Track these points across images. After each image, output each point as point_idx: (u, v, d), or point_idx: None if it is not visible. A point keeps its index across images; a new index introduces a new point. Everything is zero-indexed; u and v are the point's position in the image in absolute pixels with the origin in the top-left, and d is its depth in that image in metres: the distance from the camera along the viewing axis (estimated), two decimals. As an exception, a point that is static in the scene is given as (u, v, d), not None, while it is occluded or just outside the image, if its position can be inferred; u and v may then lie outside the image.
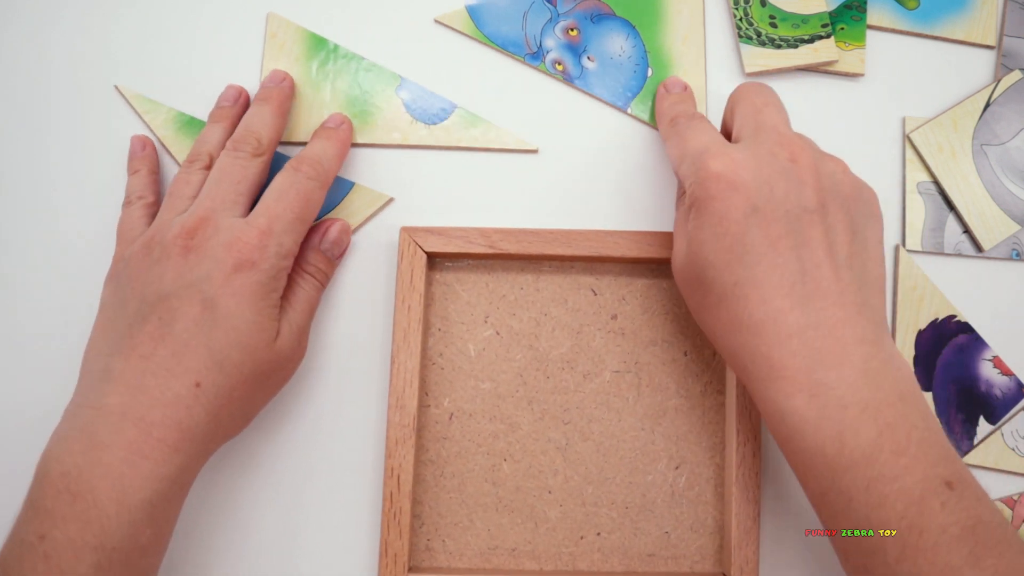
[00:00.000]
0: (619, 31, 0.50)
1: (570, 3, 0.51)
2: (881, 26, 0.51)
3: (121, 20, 0.52)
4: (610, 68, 0.50)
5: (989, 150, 0.50)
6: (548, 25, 0.50)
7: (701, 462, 0.47)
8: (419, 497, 0.46)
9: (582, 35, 0.50)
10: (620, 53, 0.50)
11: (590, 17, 0.50)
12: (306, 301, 0.44)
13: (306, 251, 0.45)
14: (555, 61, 0.50)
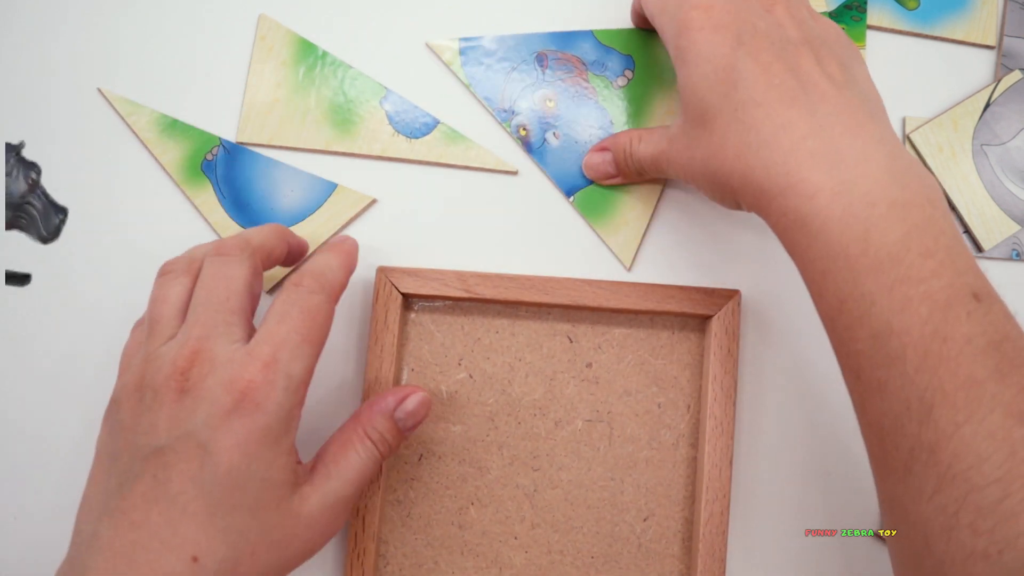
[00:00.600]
0: (595, 118, 0.49)
1: (560, 73, 0.49)
2: (881, 26, 0.51)
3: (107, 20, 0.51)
4: (571, 151, 0.49)
5: (989, 150, 0.50)
6: (529, 88, 0.49)
7: (670, 515, 0.46)
8: (385, 537, 0.46)
9: (558, 109, 0.49)
10: (587, 140, 0.49)
11: (572, 95, 0.49)
12: (357, 472, 0.37)
13: (374, 414, 0.39)
14: (520, 126, 0.49)
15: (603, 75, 0.49)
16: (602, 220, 0.48)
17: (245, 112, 0.50)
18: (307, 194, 0.49)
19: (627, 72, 0.49)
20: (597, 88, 0.49)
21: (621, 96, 0.49)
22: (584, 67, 0.49)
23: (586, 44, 0.50)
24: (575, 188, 0.49)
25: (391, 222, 0.49)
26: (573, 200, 0.49)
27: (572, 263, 0.49)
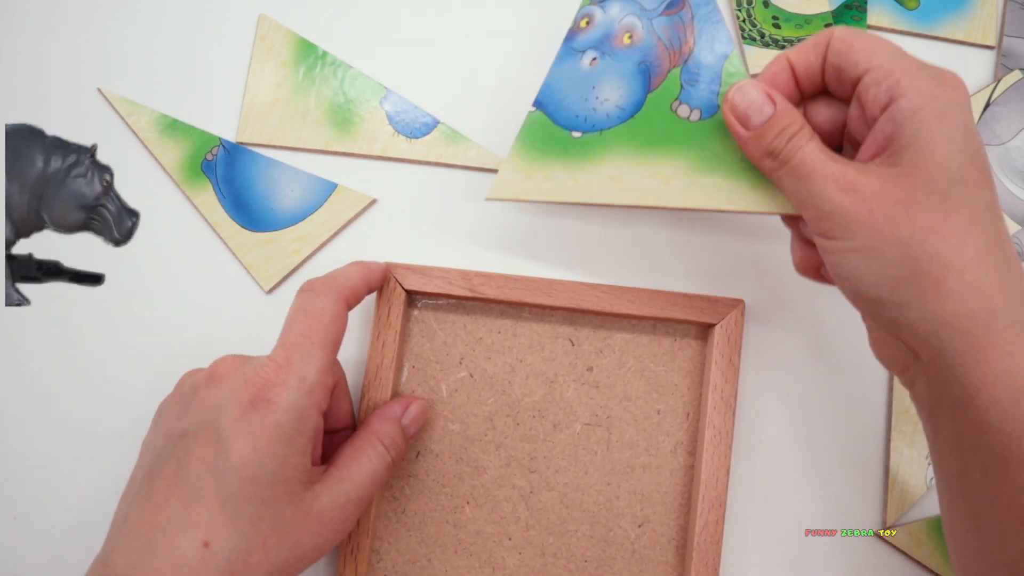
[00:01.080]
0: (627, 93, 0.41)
1: (669, 28, 0.41)
2: (881, 26, 0.51)
3: (107, 20, 0.51)
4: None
5: (989, 150, 0.50)
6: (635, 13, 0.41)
7: (665, 522, 0.46)
8: (379, 533, 0.46)
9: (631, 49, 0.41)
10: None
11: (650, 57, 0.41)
12: (369, 475, 0.39)
13: (384, 421, 0.41)
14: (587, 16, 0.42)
15: (690, 83, 0.40)
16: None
17: (245, 112, 0.50)
18: (307, 194, 0.49)
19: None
20: (665, 88, 0.40)
21: (685, 127, 0.40)
22: (685, 56, 0.40)
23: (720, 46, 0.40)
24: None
25: (391, 222, 0.49)
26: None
27: (574, 266, 0.49)
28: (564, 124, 0.41)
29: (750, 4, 0.51)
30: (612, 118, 0.40)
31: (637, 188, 0.40)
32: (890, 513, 0.47)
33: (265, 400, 0.35)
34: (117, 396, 0.48)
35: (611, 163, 0.40)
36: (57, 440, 0.47)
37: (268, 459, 0.34)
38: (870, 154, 0.34)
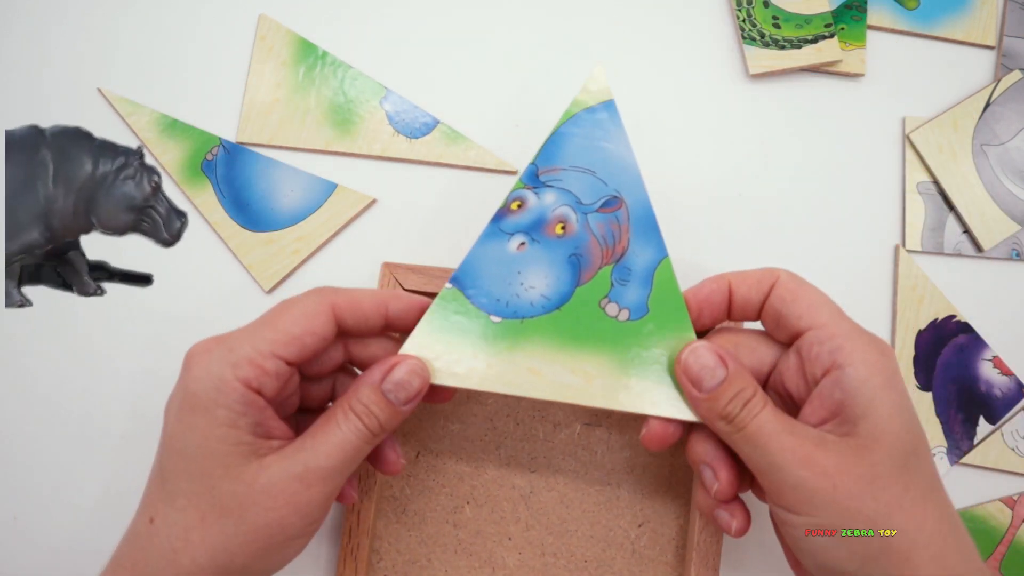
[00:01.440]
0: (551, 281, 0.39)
1: (600, 224, 0.40)
2: (881, 26, 0.51)
3: (107, 20, 0.51)
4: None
5: (989, 150, 0.50)
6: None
7: (665, 522, 0.46)
8: (379, 533, 0.46)
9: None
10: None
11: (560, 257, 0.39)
12: (336, 445, 0.35)
13: (360, 386, 0.36)
14: (518, 200, 0.40)
15: (618, 284, 0.39)
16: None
17: (245, 112, 0.50)
18: (307, 194, 0.49)
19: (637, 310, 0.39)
20: (590, 291, 0.39)
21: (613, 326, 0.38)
22: (617, 255, 0.39)
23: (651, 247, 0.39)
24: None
25: (391, 222, 0.49)
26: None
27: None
28: (483, 306, 0.38)
29: (750, 4, 0.51)
30: (536, 307, 0.38)
31: (557, 383, 0.38)
32: (890, 513, 0.47)
33: (187, 372, 0.34)
34: (117, 396, 0.48)
35: (531, 354, 0.38)
36: (58, 440, 0.47)
37: (189, 431, 0.33)
38: (819, 418, 0.35)
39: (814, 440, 0.34)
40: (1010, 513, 0.47)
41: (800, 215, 0.50)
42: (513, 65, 0.51)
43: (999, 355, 0.48)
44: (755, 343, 0.38)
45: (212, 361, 0.34)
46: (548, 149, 0.39)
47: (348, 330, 0.37)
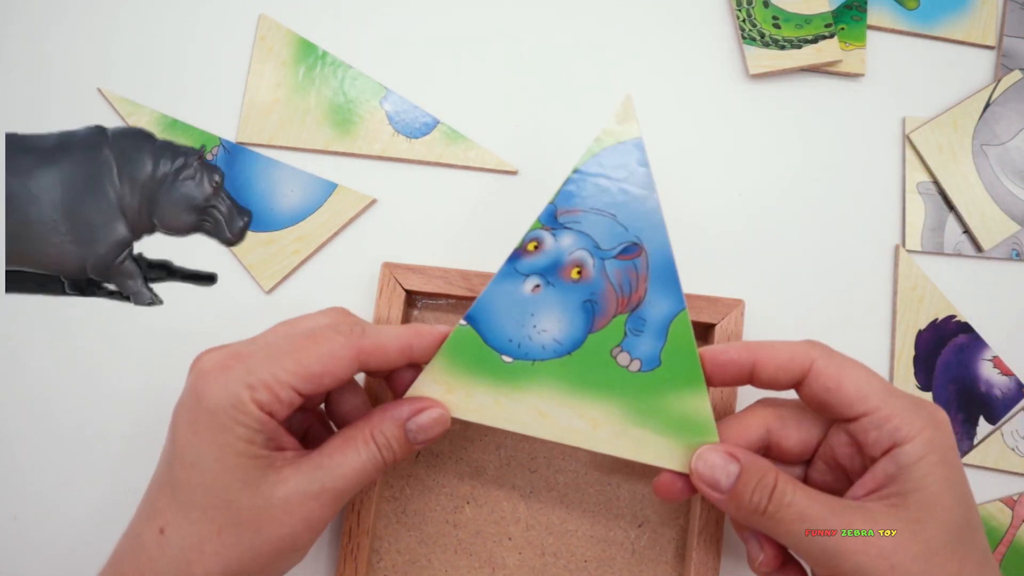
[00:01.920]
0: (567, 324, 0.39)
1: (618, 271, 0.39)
2: (881, 26, 0.51)
3: (107, 20, 0.51)
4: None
5: (989, 150, 0.50)
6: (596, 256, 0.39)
7: (665, 522, 0.46)
8: (379, 533, 0.46)
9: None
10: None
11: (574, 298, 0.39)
12: (353, 469, 0.35)
13: (386, 419, 0.37)
14: (535, 240, 0.39)
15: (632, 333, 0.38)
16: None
17: (245, 112, 0.50)
18: (307, 194, 0.49)
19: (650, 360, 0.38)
20: (606, 335, 0.38)
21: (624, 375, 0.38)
22: (633, 305, 0.38)
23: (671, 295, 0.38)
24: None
25: (391, 222, 0.49)
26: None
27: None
28: (495, 346, 0.38)
29: (750, 4, 0.51)
30: (548, 350, 0.38)
31: (564, 427, 0.38)
32: (890, 513, 0.47)
33: (203, 386, 0.33)
34: (117, 396, 0.48)
35: (540, 396, 0.38)
36: (58, 440, 0.47)
37: (206, 445, 0.33)
38: (868, 489, 0.35)
39: (864, 517, 0.33)
40: (1010, 513, 0.47)
41: (800, 215, 0.50)
42: (513, 65, 0.51)
43: (999, 355, 0.48)
44: (802, 416, 0.38)
45: (231, 380, 0.33)
46: (568, 188, 0.38)
47: (369, 371, 0.37)
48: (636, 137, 0.38)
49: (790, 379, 0.36)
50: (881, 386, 0.35)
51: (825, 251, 0.49)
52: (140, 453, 0.47)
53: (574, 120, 0.50)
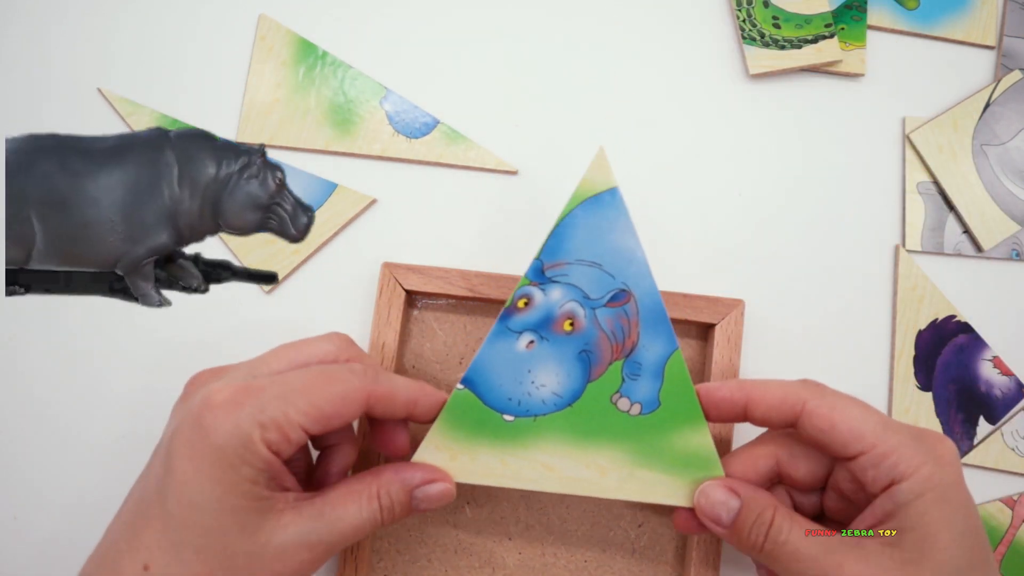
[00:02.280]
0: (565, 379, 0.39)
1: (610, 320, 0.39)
2: (881, 26, 0.51)
3: (107, 20, 0.51)
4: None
5: (989, 150, 0.50)
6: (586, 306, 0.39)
7: (665, 522, 0.46)
8: (379, 533, 0.46)
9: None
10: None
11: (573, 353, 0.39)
12: (351, 525, 0.34)
13: (396, 480, 0.36)
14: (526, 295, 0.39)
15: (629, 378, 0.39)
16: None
17: (245, 112, 0.50)
18: (307, 194, 0.49)
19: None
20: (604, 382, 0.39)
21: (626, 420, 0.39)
22: (627, 350, 0.39)
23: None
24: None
25: (391, 222, 0.49)
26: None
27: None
28: (495, 406, 0.38)
29: (750, 4, 0.51)
30: (548, 404, 0.39)
31: (572, 478, 0.38)
32: (890, 513, 0.47)
33: (212, 420, 0.32)
34: (116, 396, 0.48)
35: (545, 451, 0.38)
36: (58, 440, 0.47)
37: (209, 483, 0.31)
38: (866, 524, 0.35)
39: (856, 556, 0.33)
40: (1010, 513, 0.47)
41: (800, 215, 0.50)
42: (513, 65, 0.51)
43: (999, 355, 0.48)
44: (810, 449, 0.38)
45: (242, 418, 0.32)
46: (552, 242, 0.39)
47: (371, 415, 0.37)
48: (613, 187, 0.39)
49: (783, 420, 0.36)
50: (877, 422, 0.35)
51: (825, 251, 0.49)
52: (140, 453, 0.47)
53: (574, 120, 0.50)
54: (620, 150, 0.50)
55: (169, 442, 0.33)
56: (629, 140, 0.50)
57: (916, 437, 0.34)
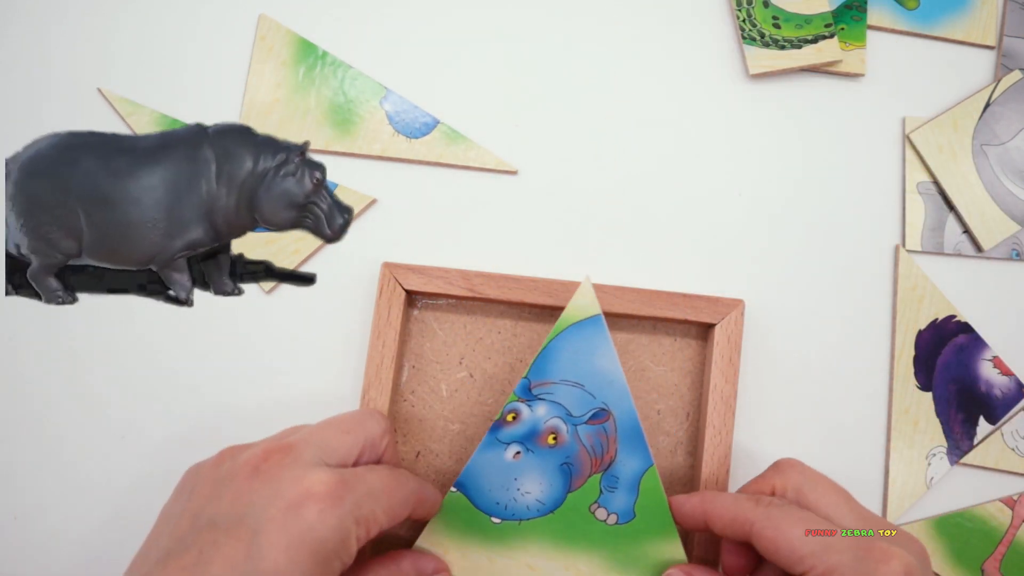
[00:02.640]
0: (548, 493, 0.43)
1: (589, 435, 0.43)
2: (881, 26, 0.51)
3: (106, 20, 0.51)
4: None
5: (989, 150, 0.50)
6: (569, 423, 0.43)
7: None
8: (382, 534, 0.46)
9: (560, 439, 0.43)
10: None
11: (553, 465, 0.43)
12: None
13: (410, 571, 0.39)
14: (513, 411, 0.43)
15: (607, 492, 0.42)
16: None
17: (245, 112, 0.50)
18: (307, 194, 0.49)
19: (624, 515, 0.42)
20: (580, 497, 0.42)
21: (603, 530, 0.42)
22: (606, 464, 0.42)
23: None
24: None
25: (391, 222, 0.49)
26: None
27: (574, 266, 0.49)
28: (484, 509, 0.42)
29: (750, 4, 0.51)
30: (532, 510, 0.42)
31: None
32: (890, 513, 0.47)
33: (317, 513, 0.32)
34: (114, 397, 0.48)
35: (529, 552, 0.42)
36: (57, 440, 0.47)
37: (300, 568, 0.31)
38: None
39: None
40: (1010, 513, 0.47)
41: (800, 215, 0.50)
42: (513, 65, 0.51)
43: (999, 355, 0.48)
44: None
45: (343, 514, 0.33)
46: (539, 363, 0.42)
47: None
48: (596, 314, 0.42)
49: (739, 536, 0.37)
50: (818, 543, 0.34)
51: (825, 251, 0.49)
52: (140, 453, 0.47)
53: (574, 120, 0.50)
54: (620, 150, 0.50)
55: (258, 526, 0.32)
56: (629, 140, 0.50)
57: (860, 556, 0.34)
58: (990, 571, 0.46)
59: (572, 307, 0.43)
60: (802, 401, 0.48)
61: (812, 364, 0.48)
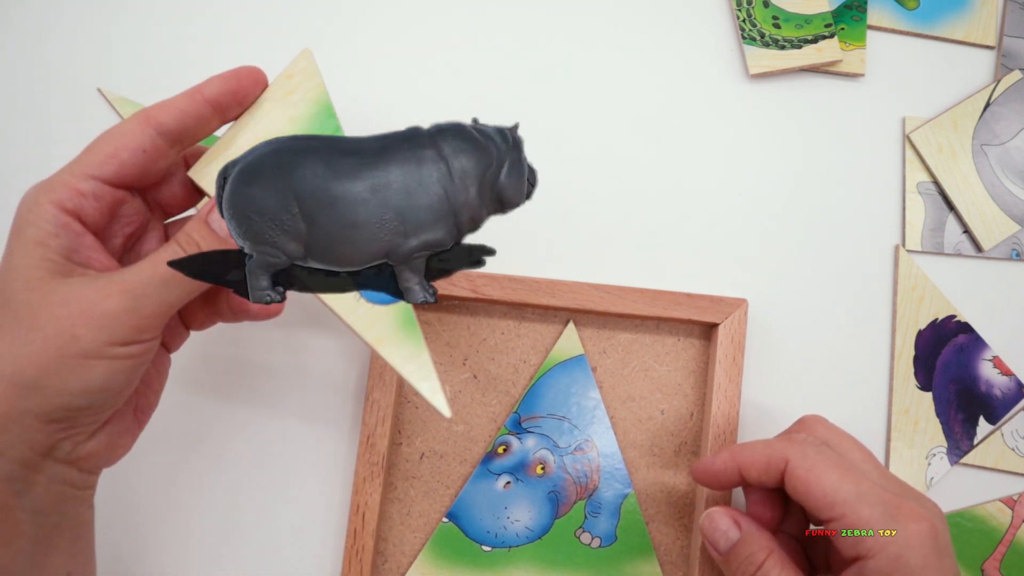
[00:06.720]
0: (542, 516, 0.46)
1: (577, 468, 0.46)
2: (881, 26, 0.51)
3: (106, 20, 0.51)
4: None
5: (989, 150, 0.50)
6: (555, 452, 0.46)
7: (668, 522, 0.46)
8: (384, 534, 0.46)
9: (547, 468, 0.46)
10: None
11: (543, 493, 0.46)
12: (148, 261, 0.34)
13: (186, 222, 0.35)
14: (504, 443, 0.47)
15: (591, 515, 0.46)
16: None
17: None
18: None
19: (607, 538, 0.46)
20: (565, 524, 0.45)
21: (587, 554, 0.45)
22: (589, 491, 0.46)
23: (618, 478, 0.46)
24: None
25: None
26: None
27: (577, 266, 0.49)
28: (475, 537, 0.45)
29: (750, 4, 0.51)
30: (521, 537, 0.45)
31: None
32: (890, 513, 0.47)
33: (16, 210, 0.33)
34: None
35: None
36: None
37: (4, 255, 0.33)
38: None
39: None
40: (1010, 513, 0.47)
41: (801, 215, 0.50)
42: (511, 65, 0.51)
43: (999, 355, 0.48)
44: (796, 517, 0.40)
45: (31, 192, 0.33)
46: (528, 399, 0.46)
47: (174, 133, 0.35)
48: (580, 354, 0.47)
49: (774, 481, 0.37)
50: (851, 491, 0.35)
51: (826, 251, 0.49)
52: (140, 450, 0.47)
53: (574, 120, 0.50)
54: (621, 150, 0.50)
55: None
56: (630, 140, 0.50)
57: (891, 511, 0.34)
58: (990, 571, 0.46)
59: (558, 348, 0.47)
60: (804, 400, 0.48)
61: (812, 363, 0.48)
